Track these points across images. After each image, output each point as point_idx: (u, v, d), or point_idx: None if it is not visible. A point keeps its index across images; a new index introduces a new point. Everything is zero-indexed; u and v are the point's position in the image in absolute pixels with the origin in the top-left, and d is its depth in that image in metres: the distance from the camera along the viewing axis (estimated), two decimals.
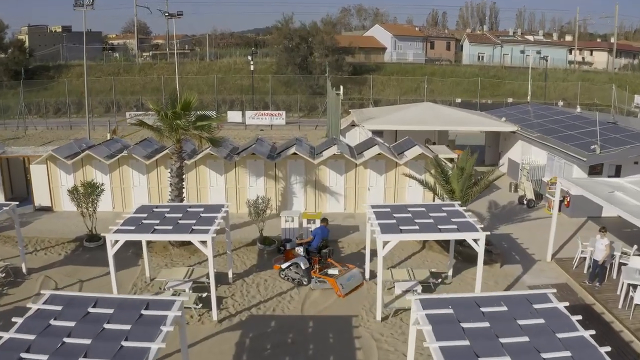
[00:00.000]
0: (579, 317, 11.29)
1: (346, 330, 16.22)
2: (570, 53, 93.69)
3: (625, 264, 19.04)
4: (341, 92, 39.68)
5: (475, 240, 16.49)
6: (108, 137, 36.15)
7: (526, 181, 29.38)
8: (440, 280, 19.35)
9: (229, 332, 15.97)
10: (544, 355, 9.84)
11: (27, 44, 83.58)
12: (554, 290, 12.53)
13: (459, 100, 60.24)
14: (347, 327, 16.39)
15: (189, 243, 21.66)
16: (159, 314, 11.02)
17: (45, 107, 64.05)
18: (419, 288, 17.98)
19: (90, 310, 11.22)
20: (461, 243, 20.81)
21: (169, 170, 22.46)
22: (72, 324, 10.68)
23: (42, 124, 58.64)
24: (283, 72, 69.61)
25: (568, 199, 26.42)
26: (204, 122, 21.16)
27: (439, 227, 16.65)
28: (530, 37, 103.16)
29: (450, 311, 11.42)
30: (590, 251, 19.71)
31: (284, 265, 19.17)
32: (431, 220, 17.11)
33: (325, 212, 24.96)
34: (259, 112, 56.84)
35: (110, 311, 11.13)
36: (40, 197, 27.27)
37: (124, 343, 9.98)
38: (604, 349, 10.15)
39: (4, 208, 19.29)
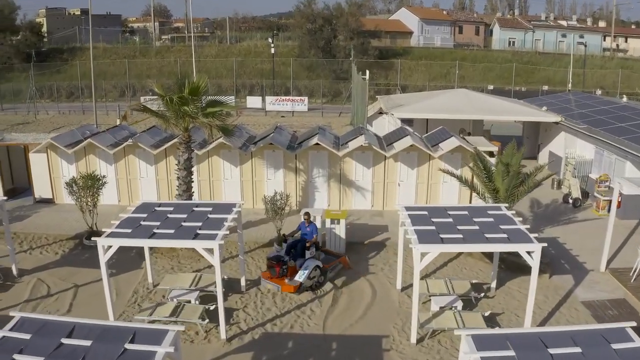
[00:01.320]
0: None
1: (376, 354, 13.81)
2: (604, 39, 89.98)
3: None
4: (367, 76, 37.08)
5: (529, 253, 13.92)
6: (118, 123, 34.05)
7: (572, 178, 26.63)
8: (483, 294, 16.83)
9: (238, 354, 13.63)
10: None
11: (44, 27, 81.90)
12: (634, 324, 10.01)
13: (491, 87, 57.27)
14: (376, 350, 13.98)
15: None
16: (146, 349, 8.74)
17: (57, 90, 62.15)
18: (459, 303, 15.53)
19: (64, 341, 8.98)
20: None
21: (177, 163, 20.14)
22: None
23: (54, 108, 56.78)
24: (305, 55, 66.95)
25: (619, 199, 23.66)
26: (214, 108, 18.75)
27: (487, 236, 14.06)
28: (564, 22, 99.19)
29: (512, 353, 8.99)
30: None
31: (303, 279, 16.74)
32: (476, 227, 14.55)
33: (350, 210, 22.56)
34: (280, 97, 54.36)
35: (88, 343, 8.88)
36: (41, 189, 25.21)
37: None
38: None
39: None
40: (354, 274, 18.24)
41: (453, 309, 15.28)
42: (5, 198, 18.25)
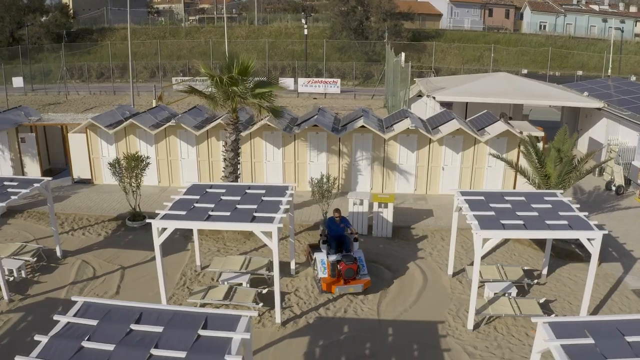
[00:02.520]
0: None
1: (433, 340, 13.63)
2: (636, 25, 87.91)
3: None
4: (402, 58, 36.58)
5: (590, 241, 13.60)
6: (153, 104, 33.95)
7: (615, 165, 26.09)
8: (535, 281, 16.54)
9: (295, 339, 13.53)
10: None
11: (71, 7, 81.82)
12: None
13: (525, 71, 56.34)
14: (433, 336, 13.80)
15: None
16: (221, 335, 8.59)
17: (87, 71, 62.31)
18: (513, 290, 15.29)
19: (134, 327, 8.84)
20: None
21: (223, 144, 19.96)
22: (110, 347, 8.34)
23: (84, 89, 56.91)
24: (337, 37, 66.25)
25: None
26: (264, 89, 18.54)
27: (547, 222, 13.76)
28: (595, 7, 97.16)
29: (591, 341, 8.77)
30: None
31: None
32: (536, 213, 14.24)
33: (394, 193, 22.28)
34: (312, 79, 53.95)
35: (159, 329, 8.73)
36: (79, 169, 25.23)
37: None
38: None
39: (35, 185, 17.02)
40: (403, 259, 18.02)
41: (507, 295, 15.05)
42: (50, 178, 18.18)
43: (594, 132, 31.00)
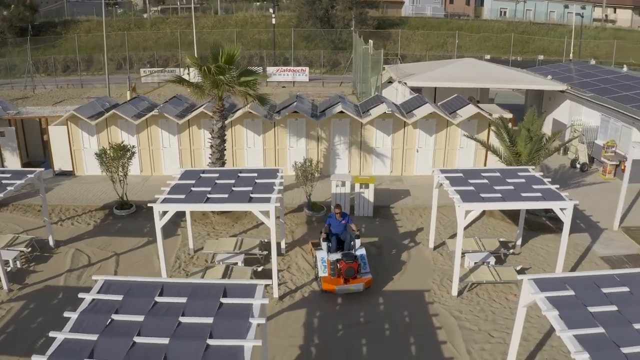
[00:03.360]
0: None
1: (421, 307, 14.70)
2: (594, 10, 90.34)
3: None
4: (371, 46, 37.52)
5: (562, 210, 14.78)
6: (128, 96, 34.27)
7: (579, 144, 27.50)
8: (510, 250, 17.73)
9: (293, 311, 14.42)
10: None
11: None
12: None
13: (488, 56, 57.80)
14: (421, 303, 14.87)
15: (230, 210, 20.14)
16: (242, 302, 9.41)
17: (53, 64, 61.80)
18: (492, 259, 16.45)
19: (158, 299, 9.57)
20: (526, 210, 19.18)
21: (210, 131, 20.64)
22: (139, 318, 9.03)
23: (51, 82, 56.45)
24: (304, 26, 66.88)
25: (624, 164, 24.58)
26: (249, 77, 19.27)
27: (522, 194, 14.93)
28: None
29: (572, 293, 9.87)
30: None
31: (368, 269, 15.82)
32: (511, 187, 15.39)
33: (372, 175, 23.25)
34: (280, 68, 54.59)
35: (183, 300, 9.49)
36: (61, 162, 25.50)
37: (211, 341, 8.36)
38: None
39: (29, 175, 17.48)
40: (386, 235, 19.02)
41: (486, 264, 16.16)
42: (42, 169, 18.63)
43: (557, 113, 32.42)
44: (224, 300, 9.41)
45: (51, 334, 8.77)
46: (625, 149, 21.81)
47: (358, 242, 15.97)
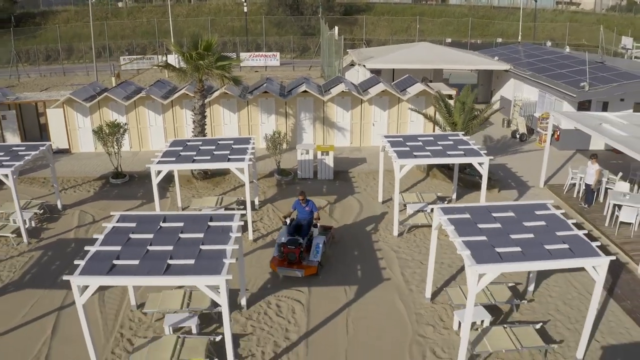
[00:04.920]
0: (574, 221, 13.35)
1: (369, 244, 18.35)
2: None
3: (611, 189, 21.15)
4: (336, 32, 40.88)
5: (480, 165, 18.45)
6: (113, 82, 37.32)
7: (519, 117, 31.30)
8: (447, 202, 21.38)
9: (265, 249, 17.96)
10: (547, 247, 11.88)
11: None
12: (552, 201, 14.60)
13: (449, 40, 61.38)
14: (369, 241, 18.55)
15: (212, 176, 23.58)
16: (224, 224, 12.90)
17: (35, 54, 64.21)
18: (429, 209, 20.04)
19: (163, 224, 13.03)
20: (462, 170, 22.90)
21: (192, 109, 23.98)
22: (150, 235, 12.49)
23: (34, 71, 58.91)
24: (274, 13, 69.99)
25: (558, 133, 28.38)
26: (224, 62, 22.65)
27: (448, 152, 18.62)
28: None
29: (468, 216, 13.46)
30: (580, 177, 21.86)
31: (319, 258, 16.51)
32: (440, 147, 19.06)
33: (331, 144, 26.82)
34: (253, 53, 57.74)
35: (181, 224, 12.97)
36: (58, 140, 28.56)
37: (202, 247, 11.86)
38: (595, 244, 12.20)
39: (41, 148, 20.79)
40: (343, 193, 22.61)
41: (424, 212, 19.78)
42: (50, 142, 21.91)
43: (504, 90, 36.21)
44: (210, 224, 12.91)
45: (86, 248, 12.14)
46: (559, 119, 25.46)
47: (316, 230, 16.96)
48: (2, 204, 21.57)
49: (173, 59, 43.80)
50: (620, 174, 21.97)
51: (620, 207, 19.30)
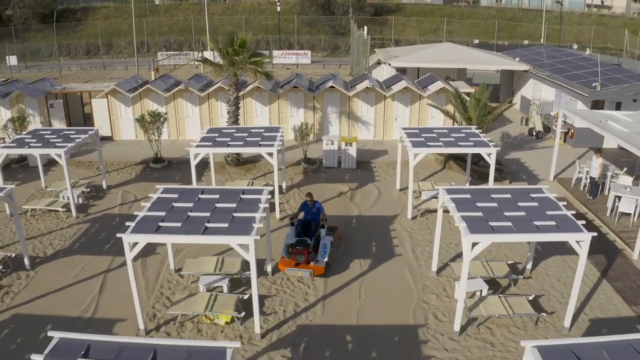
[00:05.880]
0: (564, 203, 15.00)
1: (387, 226, 20.17)
2: None
3: (615, 182, 22.62)
4: (365, 32, 42.67)
5: (489, 155, 20.13)
6: (152, 76, 39.59)
7: (535, 115, 32.78)
8: None
9: (289, 227, 19.83)
10: (536, 223, 13.56)
11: None
12: (547, 186, 16.23)
13: (476, 41, 62.77)
14: (387, 224, 20.37)
15: (244, 162, 25.61)
16: (254, 197, 14.87)
17: (76, 49, 67.12)
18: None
19: (200, 196, 15.04)
20: (476, 163, 24.56)
21: (227, 100, 26.03)
22: (190, 204, 14.50)
23: (75, 65, 61.83)
24: (306, 12, 72.09)
25: (572, 131, 29.80)
26: (257, 58, 24.64)
27: (459, 143, 20.35)
28: None
29: (468, 196, 15.21)
30: (586, 171, 23.34)
31: (328, 258, 16.89)
32: (452, 139, 20.80)
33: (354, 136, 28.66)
34: (285, 51, 59.87)
35: (217, 196, 14.95)
36: (101, 128, 30.63)
37: (235, 214, 13.82)
38: (580, 222, 13.82)
39: (90, 132, 23.06)
40: (364, 181, 24.45)
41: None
42: (99, 128, 24.17)
43: (524, 90, 37.66)
44: (242, 196, 14.89)
45: (135, 213, 14.21)
46: (572, 119, 26.88)
47: (323, 231, 17.38)
48: (51, 183, 23.87)
49: (209, 54, 46.20)
50: (625, 169, 23.41)
51: (620, 198, 20.75)
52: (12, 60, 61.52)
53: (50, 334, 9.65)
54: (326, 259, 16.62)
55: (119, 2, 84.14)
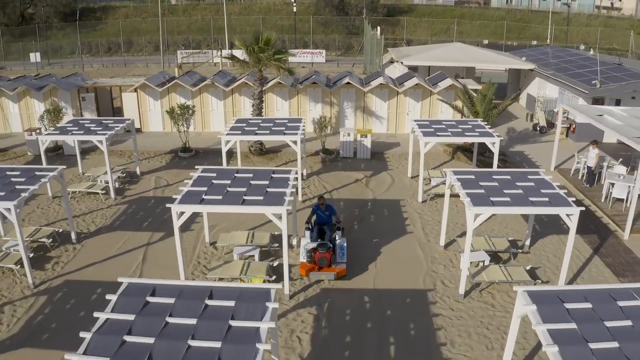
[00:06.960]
0: (559, 183, 16.93)
1: (398, 208, 22.17)
2: None
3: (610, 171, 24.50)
4: (378, 32, 44.61)
5: (493, 144, 22.07)
6: (176, 72, 41.73)
7: (539, 111, 34.66)
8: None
9: (310, 208, 21.84)
10: (531, 199, 15.50)
11: None
12: (544, 170, 18.14)
13: (486, 41, 64.59)
14: (397, 206, 22.35)
15: (266, 152, 27.65)
16: (283, 176, 16.96)
17: (97, 46, 69.39)
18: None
19: (236, 175, 17.10)
20: (482, 154, 26.49)
21: (252, 94, 28.11)
22: (228, 181, 16.55)
23: (97, 62, 64.09)
24: (321, 13, 74.20)
25: (574, 126, 31.64)
26: (281, 55, 26.71)
27: (466, 133, 22.34)
28: None
29: (472, 177, 17.19)
30: (584, 161, 25.19)
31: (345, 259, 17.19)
32: (459, 130, 22.78)
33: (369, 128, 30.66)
34: (300, 50, 61.91)
35: (251, 175, 17.02)
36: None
37: (268, 189, 15.87)
38: (571, 198, 15.74)
39: (127, 121, 25.23)
40: (378, 169, 26.46)
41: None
42: (133, 118, 26.29)
43: (530, 88, 39.51)
44: (273, 175, 16.95)
45: (180, 188, 16.29)
46: (573, 115, 28.63)
47: (339, 233, 17.68)
48: (89, 169, 26.02)
49: (226, 53, 48.33)
50: (620, 159, 25.26)
51: (614, 185, 22.61)
52: (36, 57, 63.93)
53: (119, 279, 11.45)
54: (345, 260, 17.01)
55: (137, 1, 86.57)
